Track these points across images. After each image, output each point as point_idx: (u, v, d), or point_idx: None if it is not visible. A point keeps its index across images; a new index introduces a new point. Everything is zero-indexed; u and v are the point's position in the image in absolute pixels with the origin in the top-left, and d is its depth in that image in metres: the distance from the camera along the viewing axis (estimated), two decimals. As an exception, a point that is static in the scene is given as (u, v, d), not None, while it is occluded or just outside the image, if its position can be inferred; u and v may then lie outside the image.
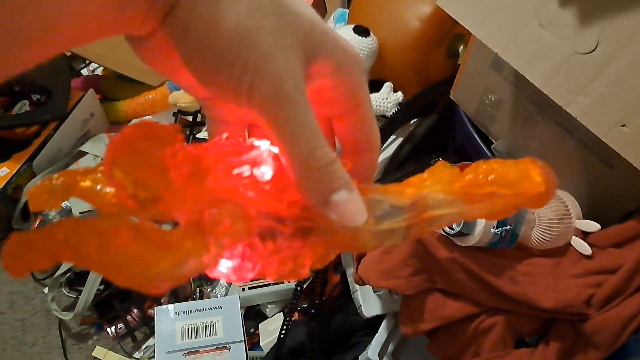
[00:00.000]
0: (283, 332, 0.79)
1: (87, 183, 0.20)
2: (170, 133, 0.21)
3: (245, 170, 0.21)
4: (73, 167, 1.07)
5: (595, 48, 0.54)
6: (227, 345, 0.73)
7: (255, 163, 0.21)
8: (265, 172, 0.21)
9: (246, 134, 0.26)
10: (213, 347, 0.73)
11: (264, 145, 0.22)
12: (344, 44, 0.22)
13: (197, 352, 0.73)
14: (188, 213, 0.20)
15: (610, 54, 0.53)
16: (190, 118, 1.12)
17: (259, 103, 0.20)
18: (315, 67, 0.21)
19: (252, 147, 0.22)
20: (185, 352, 0.73)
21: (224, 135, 0.23)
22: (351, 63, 0.23)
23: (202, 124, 1.12)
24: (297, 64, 0.20)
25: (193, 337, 0.75)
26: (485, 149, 0.81)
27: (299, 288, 0.80)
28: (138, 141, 0.20)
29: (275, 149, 0.22)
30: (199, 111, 1.10)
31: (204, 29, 0.19)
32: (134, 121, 1.18)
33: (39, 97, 1.12)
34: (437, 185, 0.24)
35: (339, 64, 0.22)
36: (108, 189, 0.20)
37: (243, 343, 0.75)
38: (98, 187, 0.20)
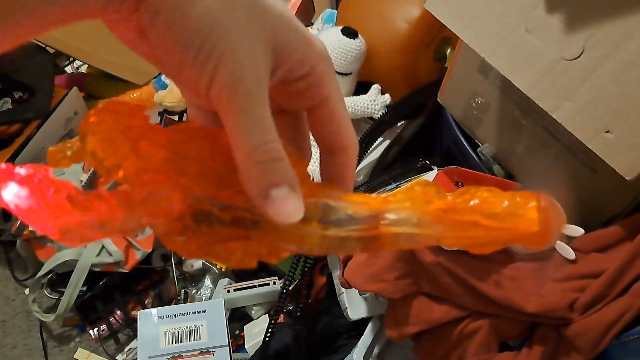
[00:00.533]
0: (268, 334, 0.79)
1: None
2: (134, 111, 0.22)
3: (193, 154, 0.22)
4: (56, 166, 1.05)
5: (582, 54, 0.54)
6: (212, 350, 0.72)
7: (205, 149, 0.22)
8: (214, 160, 0.22)
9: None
10: (197, 352, 0.73)
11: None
12: (311, 39, 0.23)
13: (180, 356, 0.72)
14: (131, 184, 0.22)
15: (596, 61, 0.54)
16: (176, 118, 1.11)
17: (218, 91, 0.20)
18: (280, 60, 0.22)
19: (210, 132, 0.23)
20: (169, 356, 0.72)
21: (191, 120, 0.24)
22: (316, 57, 0.23)
23: (188, 123, 1.12)
24: (262, 57, 0.21)
25: (177, 341, 0.74)
26: (471, 152, 0.81)
27: (284, 290, 0.79)
28: (107, 116, 0.22)
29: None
30: (184, 111, 1.09)
31: (173, 15, 0.19)
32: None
33: (21, 94, 1.10)
34: (407, 202, 0.23)
35: (304, 58, 0.23)
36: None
37: (227, 348, 0.74)
38: None
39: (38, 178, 0.19)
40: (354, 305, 0.73)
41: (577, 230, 0.59)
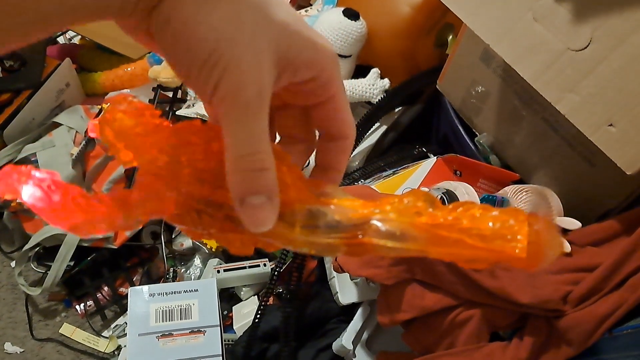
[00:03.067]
0: (258, 315, 0.78)
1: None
2: (142, 110, 0.24)
3: (189, 157, 0.24)
4: (46, 138, 1.03)
5: (588, 45, 0.54)
6: (203, 330, 0.72)
7: (201, 152, 0.24)
8: (211, 160, 0.24)
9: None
10: (188, 331, 0.72)
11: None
12: (317, 40, 0.24)
13: (170, 335, 0.71)
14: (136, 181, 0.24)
15: (602, 53, 0.53)
16: (170, 94, 1.09)
17: (218, 100, 0.21)
18: (286, 66, 0.23)
19: (212, 130, 0.24)
20: (159, 334, 0.71)
21: (196, 120, 0.25)
22: (323, 59, 0.24)
23: (182, 100, 1.10)
24: (266, 69, 0.22)
25: (167, 319, 0.73)
26: (468, 141, 0.81)
27: (276, 272, 0.79)
28: (120, 114, 0.24)
29: None
30: (179, 87, 1.07)
31: (181, 29, 0.20)
32: (111, 94, 1.15)
33: (12, 63, 1.08)
34: (393, 214, 0.23)
35: (311, 61, 0.24)
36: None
37: (219, 328, 0.73)
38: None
39: (47, 183, 0.22)
40: (345, 290, 0.73)
41: (573, 223, 0.59)
